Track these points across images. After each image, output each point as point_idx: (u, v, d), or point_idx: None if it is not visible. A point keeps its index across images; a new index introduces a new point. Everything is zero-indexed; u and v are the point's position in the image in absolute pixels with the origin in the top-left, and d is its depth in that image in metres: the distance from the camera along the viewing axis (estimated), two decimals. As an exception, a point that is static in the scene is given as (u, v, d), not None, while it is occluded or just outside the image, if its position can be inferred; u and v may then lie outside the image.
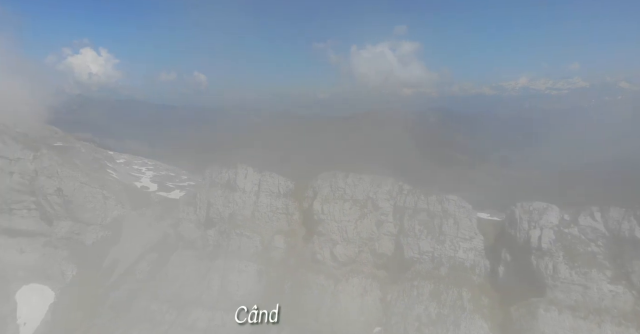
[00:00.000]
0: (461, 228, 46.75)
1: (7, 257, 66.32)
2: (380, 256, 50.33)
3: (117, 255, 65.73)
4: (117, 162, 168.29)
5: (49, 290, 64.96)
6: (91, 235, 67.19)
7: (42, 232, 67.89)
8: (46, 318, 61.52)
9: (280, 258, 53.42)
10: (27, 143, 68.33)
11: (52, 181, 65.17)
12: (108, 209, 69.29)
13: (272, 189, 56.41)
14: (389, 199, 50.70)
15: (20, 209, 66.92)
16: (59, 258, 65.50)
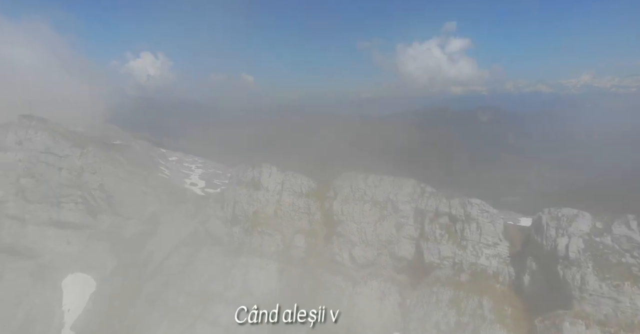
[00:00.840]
0: (484, 233, 44.81)
1: (56, 247, 71.65)
2: (400, 260, 49.35)
3: (153, 248, 69.02)
4: (170, 159, 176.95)
5: (92, 280, 69.50)
6: (130, 229, 71.10)
7: (87, 224, 72.72)
8: (88, 306, 65.84)
9: (300, 257, 53.83)
10: (75, 141, 73.36)
11: (95, 177, 69.62)
12: (146, 204, 72.97)
13: (295, 188, 56.95)
14: (409, 201, 49.57)
15: (68, 203, 72.04)
16: (101, 249, 69.87)
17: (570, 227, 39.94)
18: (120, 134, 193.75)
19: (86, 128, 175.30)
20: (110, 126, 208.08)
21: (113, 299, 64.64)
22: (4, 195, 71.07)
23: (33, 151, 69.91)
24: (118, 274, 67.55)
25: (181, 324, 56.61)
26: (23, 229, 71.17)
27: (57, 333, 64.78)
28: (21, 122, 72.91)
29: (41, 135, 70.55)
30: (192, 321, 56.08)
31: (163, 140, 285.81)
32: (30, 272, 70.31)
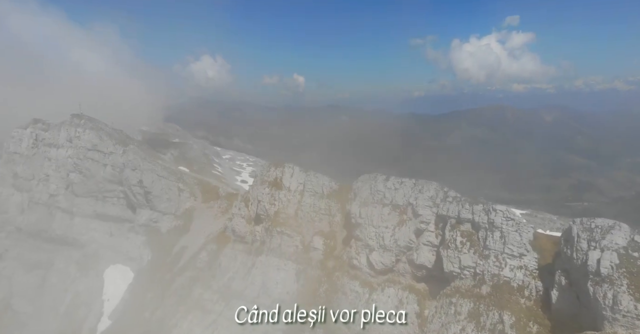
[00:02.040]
0: (508, 243, 41.31)
1: (100, 238, 76.33)
2: (419, 268, 46.92)
3: (186, 243, 71.35)
4: (223, 157, 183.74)
5: (130, 271, 73.22)
6: (166, 224, 74.04)
7: (128, 218, 76.73)
8: (125, 297, 69.39)
9: (318, 259, 52.99)
10: (119, 139, 77.62)
11: (135, 173, 73.14)
12: (182, 200, 75.64)
13: (316, 189, 56.13)
14: (431, 206, 46.93)
15: (111, 197, 76.47)
16: (139, 242, 73.40)
17: (604, 240, 35.67)
18: (180, 132, 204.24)
19: (150, 127, 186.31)
20: (172, 125, 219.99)
21: (147, 291, 67.53)
22: (56, 189, 76.88)
23: (81, 148, 74.88)
24: (153, 267, 70.51)
25: (205, 320, 57.91)
26: (71, 221, 76.60)
27: (96, 320, 68.89)
28: (72, 121, 78.34)
29: (88, 133, 75.37)
30: (214, 317, 57.18)
31: (219, 139, 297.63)
32: (77, 261, 75.53)
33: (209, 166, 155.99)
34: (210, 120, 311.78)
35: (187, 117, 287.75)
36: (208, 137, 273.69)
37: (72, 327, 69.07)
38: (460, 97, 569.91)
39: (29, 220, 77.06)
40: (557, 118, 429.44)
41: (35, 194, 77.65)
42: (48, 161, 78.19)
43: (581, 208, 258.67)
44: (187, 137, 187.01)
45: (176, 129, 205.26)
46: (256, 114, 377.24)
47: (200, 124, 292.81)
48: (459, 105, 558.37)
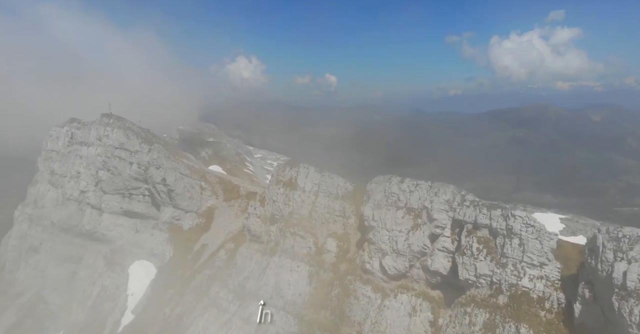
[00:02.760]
0: (528, 252, 38.65)
1: (126, 235, 78.42)
2: (434, 274, 44.89)
3: (206, 241, 72.12)
4: (255, 156, 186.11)
5: (153, 267, 74.75)
6: (188, 221, 75.13)
7: (152, 215, 78.42)
8: (147, 292, 70.86)
9: (331, 262, 51.92)
10: (145, 138, 79.38)
11: (159, 172, 74.60)
12: (203, 199, 76.52)
13: (331, 190, 55.00)
14: (447, 210, 44.75)
15: (137, 195, 78.36)
16: (162, 239, 74.82)
17: (632, 251, 32.55)
18: (215, 132, 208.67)
19: (187, 126, 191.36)
20: (208, 125, 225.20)
21: (168, 287, 68.70)
22: (86, 186, 79.64)
23: (109, 147, 77.12)
24: (174, 263, 71.67)
25: (220, 319, 58.21)
26: (100, 217, 79.13)
27: (120, 314, 70.77)
28: (101, 120, 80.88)
29: (116, 132, 77.51)
30: (229, 317, 57.33)
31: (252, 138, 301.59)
32: (104, 256, 77.96)
33: (241, 165, 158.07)
34: (244, 119, 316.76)
35: (223, 117, 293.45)
36: (242, 136, 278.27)
37: (98, 320, 71.35)
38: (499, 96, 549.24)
39: (61, 215, 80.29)
40: (606, 118, 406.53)
41: (67, 190, 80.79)
42: (79, 158, 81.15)
43: (630, 214, 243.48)
44: (222, 137, 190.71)
45: (212, 129, 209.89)
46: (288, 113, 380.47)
47: (235, 124, 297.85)
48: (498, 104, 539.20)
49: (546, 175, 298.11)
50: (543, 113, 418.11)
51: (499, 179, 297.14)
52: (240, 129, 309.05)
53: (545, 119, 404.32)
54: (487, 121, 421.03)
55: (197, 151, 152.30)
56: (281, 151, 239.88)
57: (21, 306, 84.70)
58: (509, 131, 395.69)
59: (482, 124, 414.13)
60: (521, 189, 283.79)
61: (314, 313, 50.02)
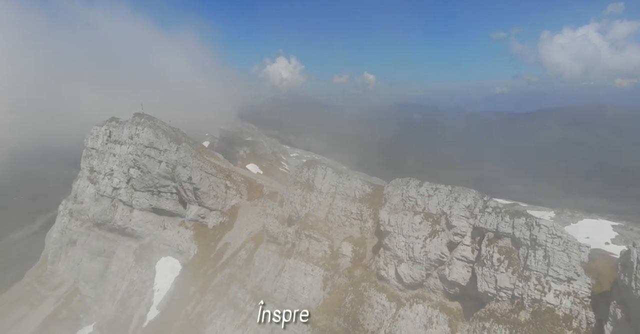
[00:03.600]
0: (553, 265, 35.16)
1: (154, 231, 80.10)
2: (452, 285, 42.07)
3: (229, 240, 72.28)
4: (291, 155, 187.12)
5: (178, 264, 75.86)
6: (212, 219, 75.63)
7: (179, 213, 79.65)
8: (171, 289, 71.96)
9: (346, 266, 50.13)
10: (173, 137, 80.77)
11: (185, 170, 75.59)
12: (228, 197, 76.82)
13: (348, 192, 53.10)
14: (467, 216, 41.77)
15: (165, 192, 79.88)
16: (187, 236, 75.80)
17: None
18: (254, 131, 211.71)
19: (228, 126, 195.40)
20: (248, 124, 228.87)
21: (191, 285, 69.45)
22: (118, 183, 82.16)
23: (139, 145, 79.09)
24: (198, 261, 72.39)
25: (236, 319, 57.94)
26: (130, 213, 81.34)
27: (146, 309, 72.33)
28: (133, 120, 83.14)
29: (146, 131, 79.36)
30: (245, 318, 56.92)
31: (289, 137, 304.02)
32: (134, 251, 79.99)
33: (277, 164, 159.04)
34: (283, 119, 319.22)
35: (262, 117, 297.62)
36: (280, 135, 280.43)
37: (125, 314, 73.29)
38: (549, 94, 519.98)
39: (96, 211, 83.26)
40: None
41: (101, 187, 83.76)
42: (113, 156, 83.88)
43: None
44: (260, 136, 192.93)
45: (251, 128, 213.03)
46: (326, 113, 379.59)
47: (274, 123, 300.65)
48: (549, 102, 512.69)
49: (601, 179, 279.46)
50: (599, 112, 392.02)
51: (548, 182, 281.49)
52: (278, 129, 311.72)
53: (601, 119, 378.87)
54: (536, 120, 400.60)
55: (236, 150, 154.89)
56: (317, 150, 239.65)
57: (59, 296, 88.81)
58: (560, 131, 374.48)
59: (531, 123, 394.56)
60: (573, 194, 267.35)
61: (327, 318, 48.49)
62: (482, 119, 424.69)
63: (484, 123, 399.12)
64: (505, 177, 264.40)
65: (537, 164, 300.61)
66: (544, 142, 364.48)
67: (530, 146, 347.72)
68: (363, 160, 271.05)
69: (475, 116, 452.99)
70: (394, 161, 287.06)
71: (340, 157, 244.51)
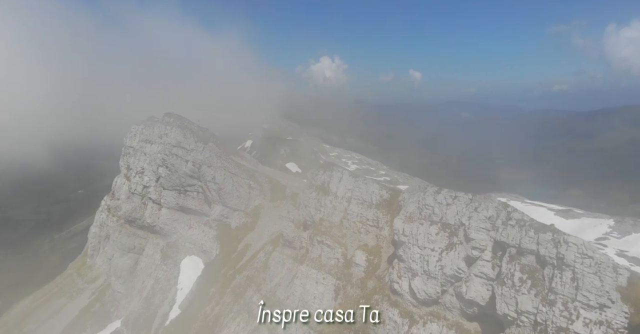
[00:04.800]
0: (583, 289, 30.37)
1: (181, 230, 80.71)
2: (469, 304, 37.96)
3: (250, 241, 71.23)
4: (330, 155, 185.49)
5: (201, 263, 75.90)
6: (235, 220, 74.95)
7: (204, 212, 79.69)
8: (193, 288, 72.00)
9: (359, 277, 47.08)
10: (201, 137, 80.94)
11: (210, 170, 75.43)
12: (251, 198, 75.83)
13: (365, 197, 49.91)
14: (488, 229, 37.42)
15: (191, 192, 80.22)
16: (211, 236, 75.66)
17: None
18: (296, 130, 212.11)
19: (270, 125, 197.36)
20: (290, 123, 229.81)
21: (211, 285, 69.06)
22: (148, 181, 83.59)
23: (167, 145, 79.94)
24: (219, 261, 71.92)
25: (249, 325, 56.62)
26: (159, 212, 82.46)
27: (169, 307, 72.90)
28: (163, 119, 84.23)
29: (175, 131, 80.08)
30: (257, 325, 55.31)
31: (331, 136, 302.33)
32: (161, 249, 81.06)
33: (315, 163, 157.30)
34: (325, 118, 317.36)
35: (304, 116, 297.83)
36: (321, 134, 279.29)
37: (149, 311, 74.29)
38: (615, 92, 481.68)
39: (127, 208, 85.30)
40: None
41: (132, 184, 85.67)
42: (144, 155, 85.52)
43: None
44: (301, 135, 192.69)
45: (293, 127, 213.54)
46: (369, 112, 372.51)
47: (316, 122, 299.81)
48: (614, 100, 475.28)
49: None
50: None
51: (613, 186, 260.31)
52: (320, 128, 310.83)
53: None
54: (600, 119, 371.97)
55: (277, 149, 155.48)
56: (358, 150, 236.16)
57: (94, 290, 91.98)
58: (628, 131, 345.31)
59: (594, 123, 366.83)
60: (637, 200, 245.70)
61: (337, 331, 45.76)
62: (539, 117, 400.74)
63: (541, 122, 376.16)
64: (564, 180, 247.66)
65: (600, 167, 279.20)
66: (608, 143, 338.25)
67: (592, 147, 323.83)
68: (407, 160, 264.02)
69: (531, 115, 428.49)
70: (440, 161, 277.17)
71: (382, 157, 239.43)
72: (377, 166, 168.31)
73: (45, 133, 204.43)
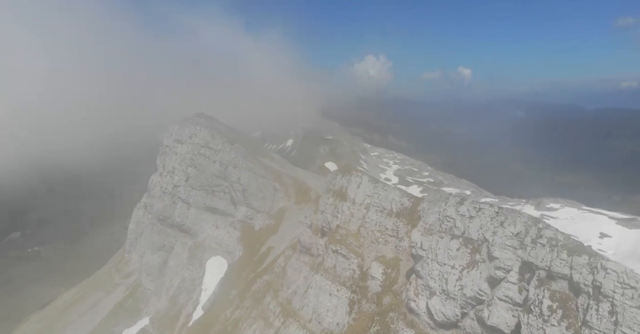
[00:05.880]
0: (623, 325, 25.34)
1: (208, 230, 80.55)
2: (492, 331, 33.51)
3: (273, 244, 69.59)
4: (371, 155, 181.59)
5: (226, 264, 75.18)
6: (259, 222, 73.59)
7: (230, 213, 79.01)
8: (216, 290, 71.36)
9: (375, 291, 43.59)
10: (228, 137, 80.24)
11: (235, 171, 74.47)
12: (276, 200, 74.12)
13: (384, 204, 46.21)
14: (515, 247, 32.77)
15: (219, 192, 79.80)
16: (235, 237, 74.81)
17: None
18: (336, 129, 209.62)
19: (311, 124, 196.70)
20: (331, 123, 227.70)
21: (232, 288, 68.04)
22: (178, 180, 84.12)
23: (196, 145, 79.97)
24: (242, 264, 70.81)
25: (265, 333, 54.64)
26: (187, 211, 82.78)
27: (193, 307, 72.75)
28: (193, 120, 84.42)
29: (203, 131, 79.97)
30: (272, 333, 53.34)
31: (373, 136, 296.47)
32: (189, 248, 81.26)
33: (355, 162, 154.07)
34: (368, 117, 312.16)
35: (347, 115, 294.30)
36: (363, 134, 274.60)
37: (174, 310, 74.55)
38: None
39: (158, 206, 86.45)
40: None
41: (163, 183, 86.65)
42: (175, 154, 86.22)
43: None
44: (341, 134, 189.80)
45: (333, 127, 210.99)
46: (414, 110, 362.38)
47: (358, 121, 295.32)
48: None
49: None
50: None
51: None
52: (362, 127, 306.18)
53: None
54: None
55: (316, 148, 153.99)
56: (400, 150, 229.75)
57: (129, 285, 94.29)
58: None
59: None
60: None
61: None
62: (604, 117, 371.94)
63: (605, 122, 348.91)
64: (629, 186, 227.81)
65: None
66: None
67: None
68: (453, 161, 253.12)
69: (594, 114, 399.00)
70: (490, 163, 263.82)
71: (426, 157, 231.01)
72: (420, 166, 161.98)
73: (102, 130, 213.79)
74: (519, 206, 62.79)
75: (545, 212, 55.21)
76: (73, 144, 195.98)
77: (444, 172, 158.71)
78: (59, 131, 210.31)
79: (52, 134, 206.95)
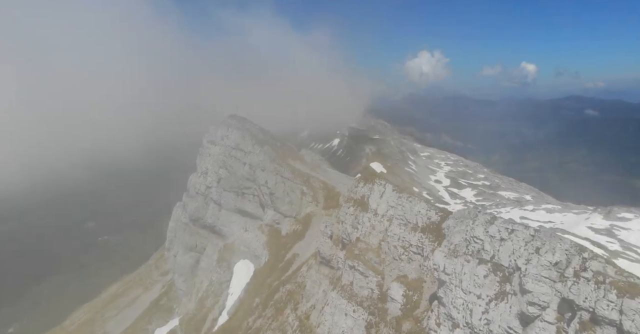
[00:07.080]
0: None
1: (237, 232, 79.13)
2: (523, 375, 28.11)
3: (298, 251, 66.67)
4: (420, 155, 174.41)
5: (253, 269, 73.23)
6: (286, 226, 70.93)
7: (259, 216, 77.04)
8: (241, 295, 69.56)
9: (394, 314, 39.00)
10: (259, 139, 78.14)
11: (263, 174, 72.20)
12: (303, 204, 71.08)
13: (409, 217, 41.34)
14: (553, 279, 27.02)
15: (248, 194, 78.10)
16: (262, 241, 72.62)
17: None
18: (385, 129, 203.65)
19: (358, 124, 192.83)
20: (380, 122, 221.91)
21: (256, 295, 65.89)
22: (210, 181, 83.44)
23: (227, 147, 78.64)
24: (267, 270, 68.50)
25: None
26: (219, 212, 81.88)
27: (218, 312, 71.53)
28: (225, 121, 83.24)
29: (235, 133, 78.50)
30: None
31: (425, 135, 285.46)
32: (219, 250, 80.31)
33: (402, 163, 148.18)
34: (420, 116, 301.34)
35: (397, 114, 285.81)
36: (414, 133, 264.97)
37: (201, 313, 73.75)
38: None
39: (192, 207, 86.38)
40: None
41: (196, 184, 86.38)
42: (209, 156, 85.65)
43: None
44: (388, 134, 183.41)
45: (382, 126, 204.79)
46: (471, 108, 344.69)
47: (409, 120, 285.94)
48: None
49: None
50: None
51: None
52: (414, 126, 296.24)
53: None
54: None
55: (362, 148, 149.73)
56: (455, 150, 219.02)
57: (165, 283, 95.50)
58: None
59: None
60: None
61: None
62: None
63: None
64: None
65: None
66: None
67: None
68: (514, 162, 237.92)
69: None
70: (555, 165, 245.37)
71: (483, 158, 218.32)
72: (475, 168, 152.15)
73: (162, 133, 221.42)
74: (585, 215, 54.46)
75: (616, 222, 47.15)
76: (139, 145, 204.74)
77: (502, 175, 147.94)
78: (126, 135, 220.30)
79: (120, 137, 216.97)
